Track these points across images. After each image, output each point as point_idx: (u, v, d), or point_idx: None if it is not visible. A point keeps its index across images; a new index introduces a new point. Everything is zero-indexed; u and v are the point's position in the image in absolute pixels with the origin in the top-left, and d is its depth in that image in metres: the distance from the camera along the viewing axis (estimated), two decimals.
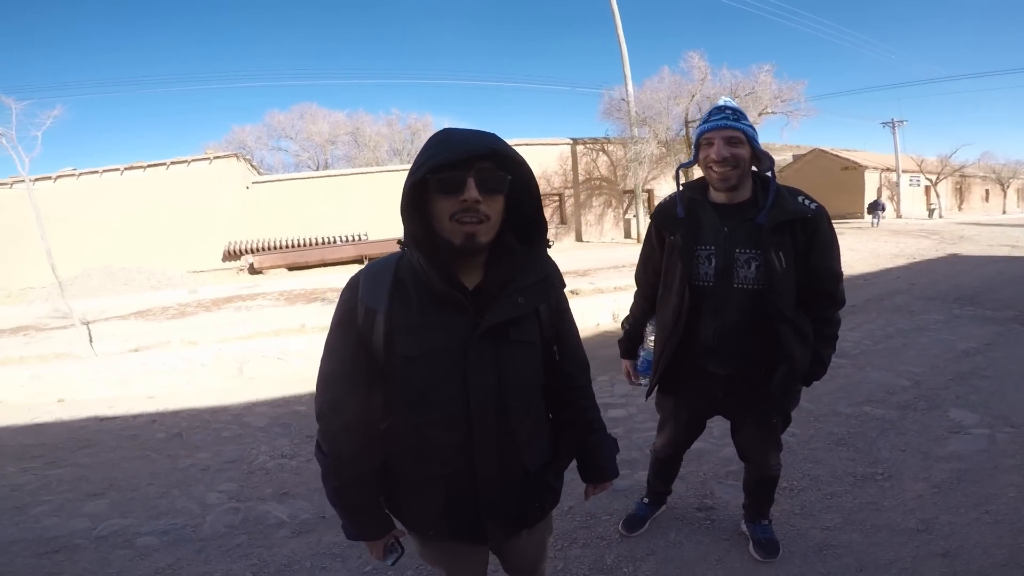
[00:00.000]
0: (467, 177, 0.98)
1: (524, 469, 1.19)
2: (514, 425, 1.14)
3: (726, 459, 2.93)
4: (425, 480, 1.15)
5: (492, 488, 1.14)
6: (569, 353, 1.30)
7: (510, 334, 1.10)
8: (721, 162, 1.67)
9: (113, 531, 2.65)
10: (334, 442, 1.12)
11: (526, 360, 1.16)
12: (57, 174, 17.47)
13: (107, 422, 4.32)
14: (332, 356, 1.13)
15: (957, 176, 34.71)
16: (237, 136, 33.42)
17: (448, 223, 1.00)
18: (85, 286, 13.33)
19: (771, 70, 19.11)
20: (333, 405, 1.12)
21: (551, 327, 1.23)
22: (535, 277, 1.13)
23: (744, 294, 1.74)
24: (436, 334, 1.06)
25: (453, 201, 0.99)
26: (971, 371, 4.21)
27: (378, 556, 1.22)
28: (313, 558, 2.36)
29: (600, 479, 1.39)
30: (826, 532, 2.31)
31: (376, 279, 1.09)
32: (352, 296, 1.11)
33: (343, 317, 1.12)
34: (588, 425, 1.35)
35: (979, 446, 3.01)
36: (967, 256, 11.48)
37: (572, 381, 1.31)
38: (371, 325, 1.07)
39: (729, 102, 1.74)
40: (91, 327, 6.42)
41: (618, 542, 2.33)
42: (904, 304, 6.83)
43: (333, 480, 1.14)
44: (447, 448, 1.11)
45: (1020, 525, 2.28)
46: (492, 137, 1.02)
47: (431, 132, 0.87)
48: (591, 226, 22.11)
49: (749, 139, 1.68)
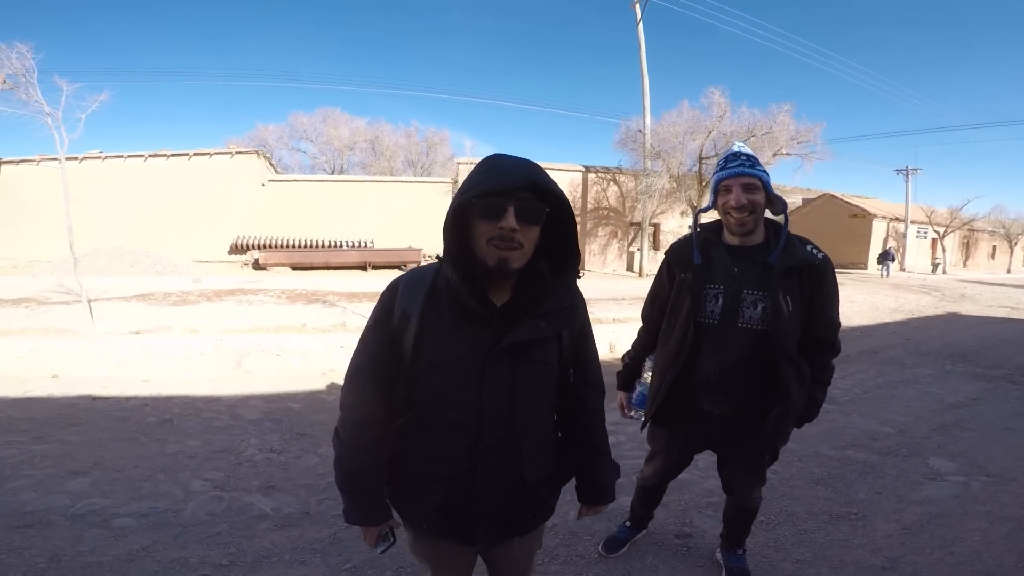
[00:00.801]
0: (508, 206, 1.05)
1: (523, 480, 1.24)
2: (520, 437, 1.20)
3: (708, 490, 2.97)
4: (428, 477, 1.21)
5: (489, 494, 1.20)
6: (587, 377, 1.35)
7: (529, 353, 1.17)
8: (739, 208, 1.74)
9: (91, 510, 2.66)
10: (353, 431, 1.21)
11: (541, 379, 1.22)
12: (84, 155, 17.77)
13: (99, 401, 4.36)
14: (364, 351, 1.21)
15: (965, 230, 34.49)
16: (260, 134, 33.98)
17: (485, 246, 1.08)
18: (92, 265, 13.44)
19: (790, 110, 19.02)
20: (358, 396, 1.20)
21: (571, 350, 1.28)
22: (561, 305, 1.20)
23: (747, 334, 1.79)
24: (461, 344, 1.14)
25: (492, 226, 1.06)
26: (955, 423, 4.26)
27: (370, 543, 1.29)
28: (293, 551, 2.39)
29: (596, 501, 1.44)
30: (796, 565, 2.35)
31: (415, 286, 1.17)
32: (391, 299, 1.19)
33: (380, 317, 1.20)
34: (595, 448, 1.40)
35: (952, 492, 3.06)
36: (966, 315, 11.49)
37: (585, 404, 1.36)
38: (404, 328, 1.16)
39: (743, 148, 1.81)
40: (93, 306, 6.49)
41: (597, 562, 2.37)
42: (897, 357, 6.86)
43: (345, 466, 1.22)
44: (454, 450, 1.18)
45: (980, 567, 2.34)
46: (536, 170, 1.10)
47: (447, 147, 0.92)
48: (595, 256, 22.15)
49: (764, 185, 1.76)
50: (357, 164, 34.10)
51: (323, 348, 5.70)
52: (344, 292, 10.31)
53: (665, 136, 19.60)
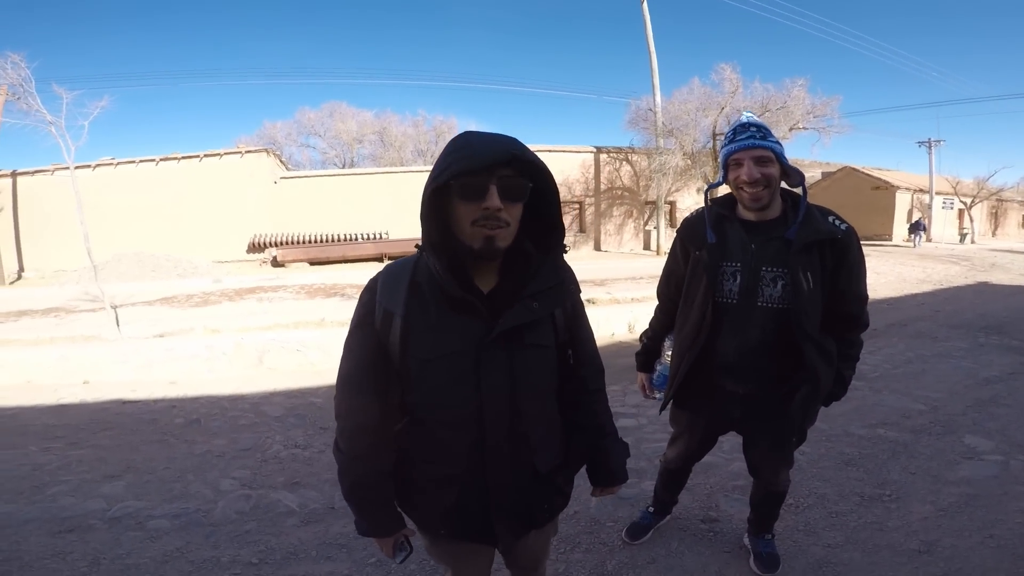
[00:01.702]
0: (489, 184, 0.98)
1: (535, 471, 1.20)
2: (526, 427, 1.16)
3: (734, 473, 2.93)
4: (437, 480, 1.17)
5: (503, 490, 1.16)
6: (584, 357, 1.31)
7: (524, 338, 1.11)
8: (752, 183, 1.64)
9: (127, 513, 2.72)
10: (350, 441, 1.16)
11: (539, 363, 1.17)
12: (96, 163, 18.01)
13: (129, 405, 4.46)
14: (350, 357, 1.16)
15: (993, 200, 33.56)
16: (268, 132, 34.13)
17: (469, 228, 1.02)
18: (115, 271, 13.74)
19: (805, 84, 18.64)
20: (351, 405, 1.15)
21: (566, 331, 1.23)
22: (550, 283, 1.15)
23: (767, 313, 1.71)
24: (451, 337, 1.08)
25: (474, 207, 1.00)
26: (991, 399, 4.13)
27: (387, 553, 1.24)
28: (319, 547, 2.42)
29: (609, 483, 1.39)
30: (828, 549, 2.30)
31: (394, 282, 1.11)
32: (371, 299, 1.13)
33: (361, 319, 1.14)
34: (600, 429, 1.35)
35: (991, 472, 2.97)
36: (997, 285, 11.16)
37: (586, 384, 1.32)
38: (388, 327, 1.09)
39: (752, 118, 1.70)
40: (118, 311, 6.63)
41: (620, 549, 2.35)
42: (927, 330, 6.69)
43: (349, 477, 1.17)
44: (459, 449, 1.14)
45: (1022, 551, 2.26)
46: (514, 143, 1.02)
47: (455, 134, 0.87)
48: (610, 236, 22.01)
49: (777, 156, 1.65)
50: (367, 157, 34.18)
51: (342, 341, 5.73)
52: (361, 284, 10.31)
53: (677, 114, 19.39)
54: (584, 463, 1.37)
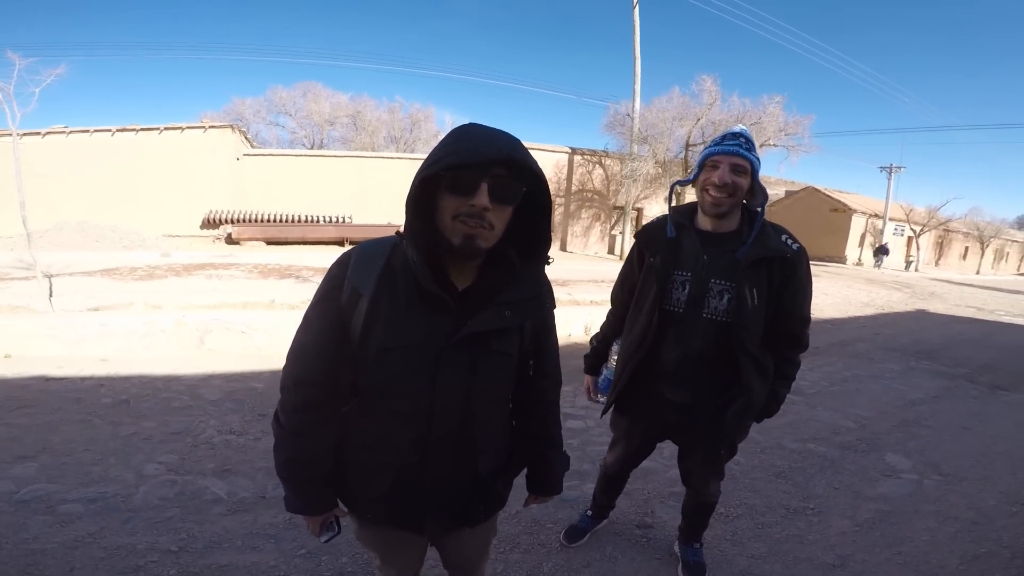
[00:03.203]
0: (481, 181, 0.95)
1: (476, 472, 1.19)
2: (475, 430, 1.14)
3: (671, 480, 2.98)
4: (373, 467, 1.15)
5: (440, 486, 1.15)
6: (546, 368, 1.30)
7: (491, 344, 1.09)
8: (720, 187, 1.67)
9: (36, 496, 2.57)
10: (294, 416, 1.12)
11: (500, 370, 1.15)
12: (47, 130, 17.07)
13: (53, 383, 4.20)
14: (308, 329, 1.12)
15: (940, 230, 35.23)
16: (236, 108, 33.09)
17: (451, 221, 0.98)
18: (55, 239, 13.01)
19: (781, 102, 19.05)
20: (299, 379, 1.11)
21: (531, 340, 1.22)
22: (528, 293, 1.13)
23: (711, 324, 1.74)
24: (416, 330, 1.05)
25: (461, 202, 0.96)
26: (915, 419, 4.36)
27: (314, 532, 1.22)
28: (245, 537, 2.34)
29: (545, 492, 1.40)
30: (751, 560, 2.37)
31: (368, 262, 1.07)
32: (340, 274, 1.09)
33: (327, 293, 1.10)
34: (549, 440, 1.36)
35: (906, 490, 3.13)
36: (934, 313, 11.74)
37: (543, 396, 1.32)
38: (354, 307, 1.06)
39: (745, 131, 1.73)
40: (54, 281, 6.27)
41: (557, 551, 2.37)
42: (865, 352, 7.00)
43: (285, 452, 1.13)
44: (402, 441, 1.12)
45: (924, 568, 2.39)
46: (514, 143, 0.99)
47: (432, 123, 0.84)
48: (577, 237, 22.20)
49: (753, 171, 1.69)
50: (338, 139, 33.50)
51: (292, 325, 5.52)
52: (319, 267, 10.10)
53: (653, 121, 19.59)
54: (524, 468, 1.37)
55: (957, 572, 2.37)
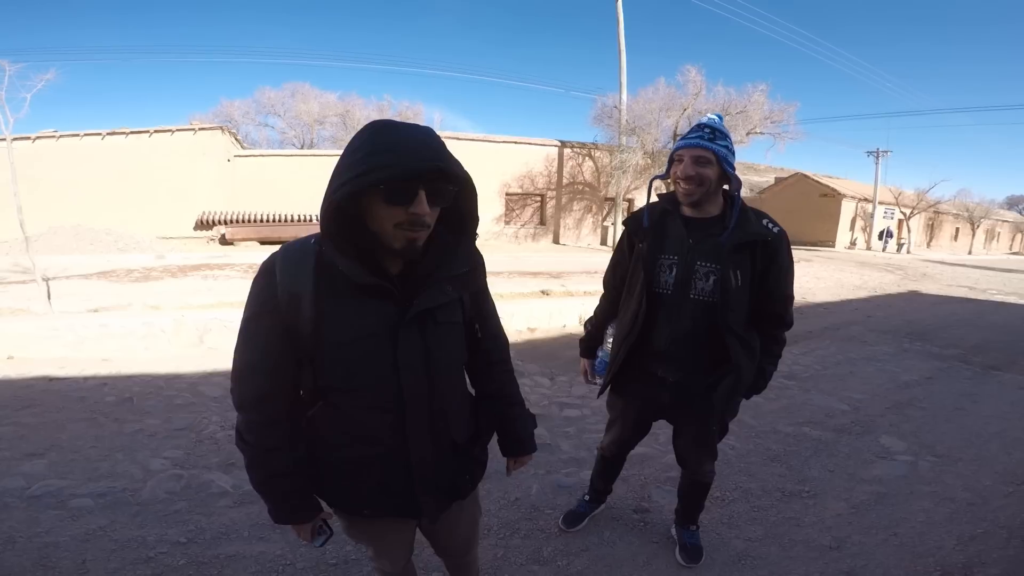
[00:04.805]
0: (419, 189, 0.97)
1: (453, 443, 1.24)
2: (442, 402, 1.19)
3: (667, 465, 3.04)
4: (357, 462, 1.17)
5: (426, 465, 1.19)
6: (489, 331, 1.36)
7: (437, 317, 1.14)
8: (686, 179, 1.76)
9: (47, 491, 2.60)
10: (260, 433, 1.12)
11: (452, 340, 1.21)
12: (37, 135, 16.96)
13: (56, 383, 4.24)
14: (252, 347, 1.10)
15: (930, 212, 35.51)
16: (225, 109, 33.11)
17: (392, 230, 1.00)
18: (50, 243, 12.98)
19: (765, 90, 19.16)
20: (257, 396, 1.10)
21: (472, 307, 1.28)
22: (464, 268, 1.17)
23: (698, 305, 1.82)
24: (366, 320, 1.07)
25: (400, 211, 0.98)
26: (908, 401, 4.41)
27: (306, 539, 1.23)
28: (252, 528, 2.39)
29: (519, 452, 1.46)
30: (748, 543, 2.42)
31: (297, 264, 1.06)
32: (270, 283, 1.06)
33: (261, 307, 1.07)
34: (508, 399, 1.43)
35: (900, 472, 3.17)
36: (926, 294, 11.84)
37: (490, 356, 1.38)
38: (296, 310, 1.04)
39: (712, 121, 1.79)
40: (51, 284, 6.29)
41: (556, 536, 2.42)
42: (858, 335, 7.07)
43: (259, 471, 1.14)
44: (380, 430, 1.14)
45: (921, 549, 2.43)
46: (441, 150, 1.00)
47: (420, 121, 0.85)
48: (569, 230, 22.21)
49: (720, 160, 1.75)
50: (328, 139, 33.41)
51: None
52: None
53: (640, 112, 19.64)
54: (494, 431, 1.42)
55: (954, 553, 2.40)
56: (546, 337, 6.38)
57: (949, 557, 2.37)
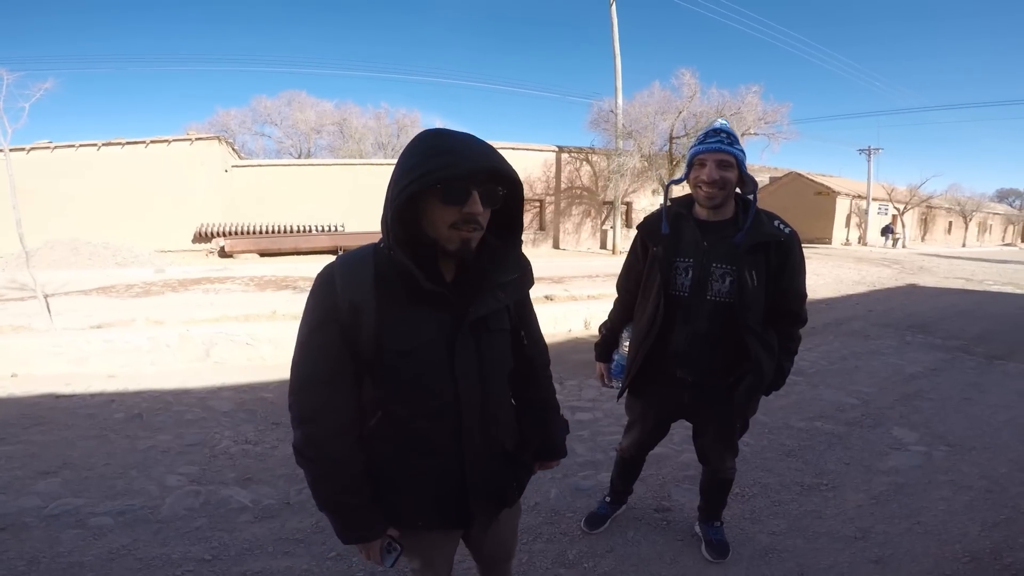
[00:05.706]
0: (472, 190, 1.01)
1: (504, 450, 1.26)
2: (495, 408, 1.21)
3: (684, 464, 3.05)
4: (412, 472, 1.17)
5: (478, 472, 1.19)
6: (532, 336, 1.38)
7: (489, 324, 1.16)
8: (711, 184, 1.79)
9: (65, 510, 2.58)
10: (324, 447, 1.10)
11: (502, 347, 1.23)
12: (31, 146, 16.80)
13: (63, 400, 4.20)
14: (313, 358, 1.10)
15: (923, 207, 35.91)
16: (221, 119, 32.88)
17: (446, 230, 1.03)
18: (47, 258, 12.87)
19: (758, 91, 19.28)
20: (320, 408, 1.09)
21: (517, 314, 1.30)
22: (514, 273, 1.19)
23: (715, 306, 1.85)
24: (425, 328, 1.09)
25: (455, 211, 1.01)
26: (916, 393, 4.45)
27: (375, 559, 1.17)
28: (276, 543, 2.37)
29: (551, 456, 1.46)
30: (772, 537, 2.43)
31: (357, 274, 1.08)
32: (330, 293, 1.07)
33: (324, 316, 1.08)
34: (547, 402, 1.44)
35: (916, 462, 3.20)
36: (924, 287, 11.93)
37: (534, 362, 1.39)
38: (358, 321, 1.05)
39: (725, 125, 1.84)
40: (51, 300, 6.24)
41: (580, 538, 2.42)
42: (860, 329, 7.11)
43: (326, 487, 1.12)
44: (439, 437, 1.15)
45: (946, 536, 2.45)
46: (493, 153, 1.05)
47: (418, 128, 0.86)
48: (569, 234, 22.24)
49: (739, 163, 1.80)
50: (325, 147, 33.41)
51: (294, 335, 5.59)
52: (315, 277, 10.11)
53: (636, 116, 19.70)
54: (540, 437, 1.42)
55: (979, 539, 2.41)
56: (552, 342, 6.27)
57: (975, 543, 2.39)
